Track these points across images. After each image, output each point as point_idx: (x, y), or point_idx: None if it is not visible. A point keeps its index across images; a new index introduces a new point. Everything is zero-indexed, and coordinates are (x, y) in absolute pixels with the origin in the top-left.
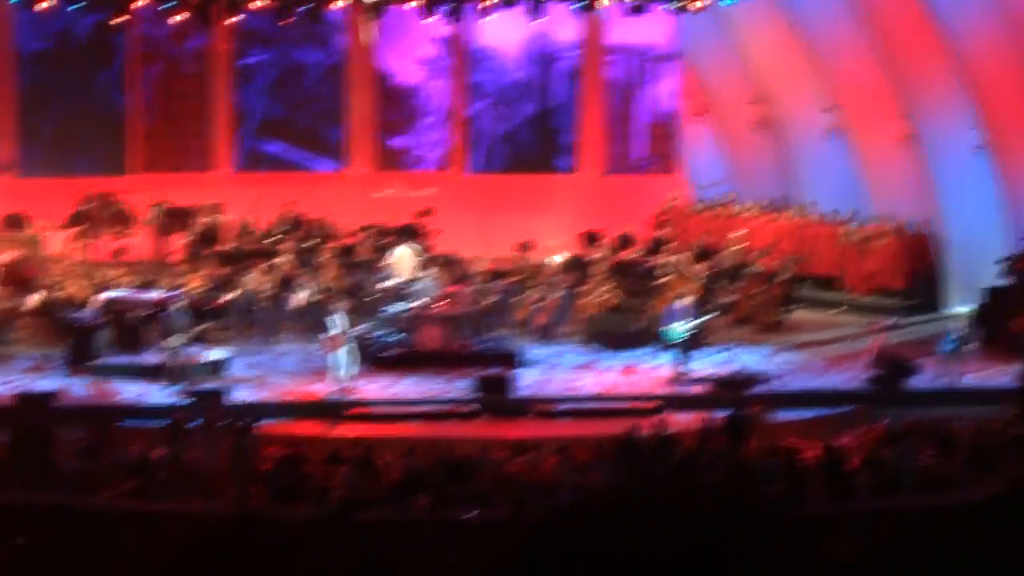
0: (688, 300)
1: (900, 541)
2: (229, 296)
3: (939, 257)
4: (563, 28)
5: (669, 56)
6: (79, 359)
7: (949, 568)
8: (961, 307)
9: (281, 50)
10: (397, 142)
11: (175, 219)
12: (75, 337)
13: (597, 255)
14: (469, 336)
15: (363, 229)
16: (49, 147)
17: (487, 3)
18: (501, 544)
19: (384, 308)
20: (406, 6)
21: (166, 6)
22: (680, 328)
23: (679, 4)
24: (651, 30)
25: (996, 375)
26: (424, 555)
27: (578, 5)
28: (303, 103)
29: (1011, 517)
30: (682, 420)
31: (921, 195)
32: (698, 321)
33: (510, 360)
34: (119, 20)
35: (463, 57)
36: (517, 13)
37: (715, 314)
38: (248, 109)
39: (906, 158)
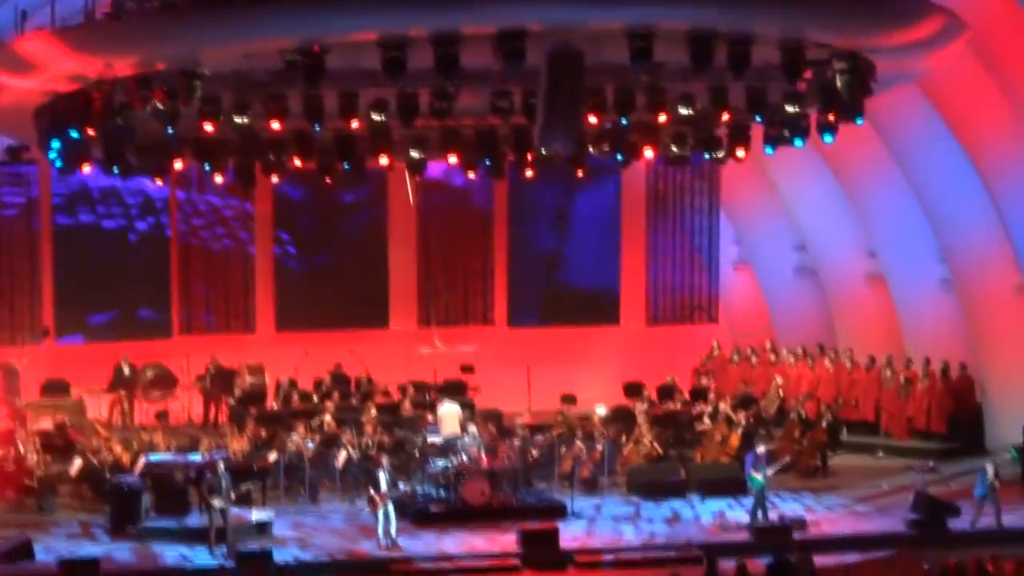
0: (763, 447)
1: None
2: (273, 456)
3: (980, 399)
4: (604, 180)
5: (709, 205)
6: (123, 523)
7: None
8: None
9: (321, 212)
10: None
11: (219, 380)
12: (118, 501)
13: (640, 405)
14: (513, 490)
15: (405, 386)
16: (89, 312)
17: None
18: None
19: (429, 464)
20: (448, 162)
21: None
22: (762, 475)
23: (719, 154)
24: (690, 179)
25: None
26: None
27: (619, 159)
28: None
29: None
30: (726, 568)
31: (960, 337)
32: (775, 467)
33: (554, 513)
34: (157, 183)
35: (507, 212)
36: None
37: (787, 461)
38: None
39: (944, 301)
